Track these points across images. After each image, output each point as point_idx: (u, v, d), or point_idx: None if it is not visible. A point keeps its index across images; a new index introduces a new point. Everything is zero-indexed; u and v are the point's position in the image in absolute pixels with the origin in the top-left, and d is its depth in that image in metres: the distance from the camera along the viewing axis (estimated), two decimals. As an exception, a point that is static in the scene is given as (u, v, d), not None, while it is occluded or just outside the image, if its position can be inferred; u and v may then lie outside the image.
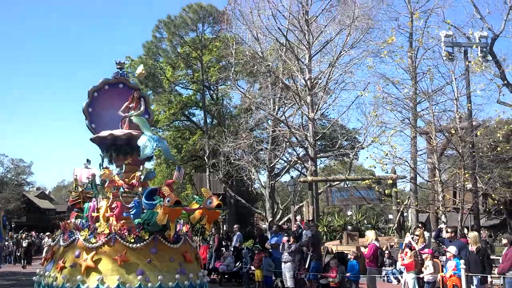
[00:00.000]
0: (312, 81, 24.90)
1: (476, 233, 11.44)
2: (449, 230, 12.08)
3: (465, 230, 15.78)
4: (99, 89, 12.96)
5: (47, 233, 35.47)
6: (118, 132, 12.04)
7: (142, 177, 11.94)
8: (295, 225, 19.67)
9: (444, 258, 11.45)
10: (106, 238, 10.48)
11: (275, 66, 28.42)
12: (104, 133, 11.96)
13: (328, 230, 24.10)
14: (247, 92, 29.60)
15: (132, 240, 10.46)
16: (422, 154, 20.74)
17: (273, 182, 32.16)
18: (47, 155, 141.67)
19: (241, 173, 28.37)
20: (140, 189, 11.88)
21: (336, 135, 27.95)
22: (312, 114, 24.57)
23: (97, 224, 10.76)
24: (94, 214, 11.09)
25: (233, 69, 27.58)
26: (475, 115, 17.78)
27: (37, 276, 11.39)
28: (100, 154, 12.47)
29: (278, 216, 32.47)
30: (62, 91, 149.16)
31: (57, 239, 11.63)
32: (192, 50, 36.00)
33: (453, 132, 16.68)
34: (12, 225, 35.93)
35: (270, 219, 30.05)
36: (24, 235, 26.74)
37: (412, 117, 19.50)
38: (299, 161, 30.08)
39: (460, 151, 16.37)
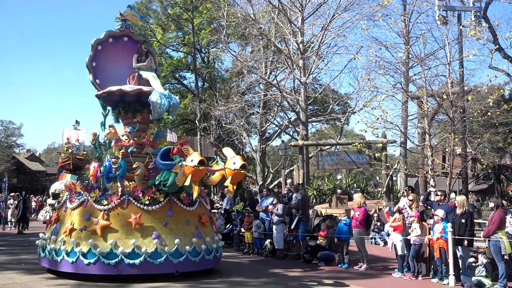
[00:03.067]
0: (305, 44, 24.65)
1: (464, 197, 11.55)
2: (438, 193, 12.19)
3: (453, 194, 15.94)
4: (103, 41, 12.36)
5: (34, 196, 35.33)
6: (127, 87, 11.42)
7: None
8: (285, 189, 19.79)
9: (431, 221, 11.60)
10: (119, 200, 10.12)
11: (267, 28, 28.10)
12: (112, 88, 11.34)
13: (317, 193, 24.27)
14: (238, 55, 29.30)
15: (147, 202, 10.18)
16: (413, 119, 20.84)
17: (264, 146, 32.22)
18: (37, 117, 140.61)
19: (232, 137, 28.37)
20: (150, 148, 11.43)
21: (327, 99, 27.88)
22: (304, 78, 24.42)
23: (108, 185, 10.28)
24: (129, 175, 10.49)
25: (224, 31, 27.21)
26: (467, 80, 17.82)
27: (41, 240, 11.02)
28: (102, 113, 11.85)
29: (269, 180, 32.67)
30: (51, 51, 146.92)
31: (62, 201, 11.20)
32: (183, 12, 35.35)
33: (445, 97, 16.67)
34: (3, 186, 35.71)
35: (260, 183, 30.25)
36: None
37: (404, 81, 19.46)
38: (290, 125, 30.09)
39: (451, 116, 16.39)
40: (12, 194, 27.58)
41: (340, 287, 10.18)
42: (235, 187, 9.96)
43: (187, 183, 9.26)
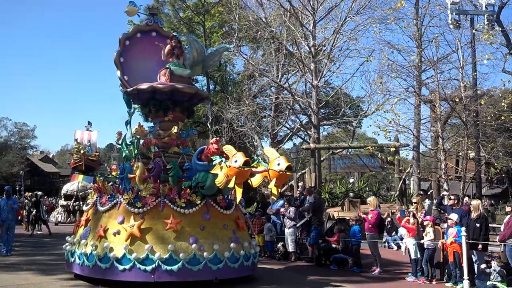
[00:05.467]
0: (316, 47, 24.69)
1: (479, 201, 11.49)
2: (452, 197, 12.15)
3: (466, 199, 15.87)
4: (130, 36, 11.94)
5: (47, 198, 35.45)
6: (159, 84, 10.86)
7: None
8: (297, 192, 19.80)
9: (445, 225, 11.56)
10: (154, 202, 9.55)
11: (279, 32, 28.15)
12: (144, 85, 10.79)
13: (330, 197, 24.27)
14: (250, 59, 29.38)
15: (183, 205, 9.60)
16: (425, 123, 20.76)
17: (275, 149, 32.19)
18: (51, 119, 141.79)
19: (244, 139, 28.41)
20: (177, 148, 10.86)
21: (339, 102, 27.85)
22: (315, 82, 24.43)
23: (141, 187, 9.75)
24: (130, 176, 9.97)
25: (236, 35, 27.31)
26: (480, 84, 17.70)
27: (68, 245, 10.55)
28: (128, 111, 11.16)
29: (280, 183, 32.59)
30: (66, 53, 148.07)
31: (92, 203, 10.63)
32: (194, 15, 35.48)
33: (458, 100, 16.61)
34: (17, 188, 35.93)
35: (271, 186, 30.19)
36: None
37: (417, 85, 19.40)
38: (302, 129, 30.08)
39: (464, 119, 16.33)
40: (26, 194, 27.76)
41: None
42: (279, 190, 9.25)
43: (230, 185, 8.59)
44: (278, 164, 8.63)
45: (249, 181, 9.07)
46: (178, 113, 11.14)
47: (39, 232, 21.75)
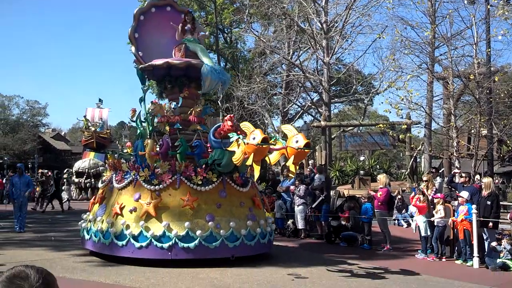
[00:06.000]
0: (328, 24, 24.42)
1: (490, 178, 11.42)
2: (463, 175, 12.09)
3: (477, 176, 15.78)
4: (145, 11, 11.79)
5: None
6: (174, 60, 10.72)
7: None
8: (307, 169, 19.79)
9: (456, 203, 11.53)
10: (170, 180, 9.49)
11: (291, 8, 27.82)
12: (159, 61, 10.64)
13: (340, 174, 24.22)
14: (261, 36, 29.14)
15: (200, 182, 9.54)
16: (438, 100, 20.57)
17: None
18: (62, 97, 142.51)
19: (255, 117, 28.40)
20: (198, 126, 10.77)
21: (351, 80, 27.61)
22: (327, 59, 24.24)
23: (156, 164, 9.68)
24: (141, 153, 9.93)
25: (247, 11, 27.08)
26: (494, 60, 17.45)
27: (84, 222, 10.59)
28: (142, 88, 11.03)
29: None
30: (76, 31, 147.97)
31: (107, 180, 10.64)
32: (206, -9, 35.20)
33: (471, 77, 16.41)
34: (29, 166, 36.28)
35: (282, 163, 30.25)
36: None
37: (430, 61, 19.17)
38: (313, 106, 29.95)
39: (477, 97, 16.14)
40: (40, 171, 28.05)
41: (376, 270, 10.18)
42: (297, 167, 8.98)
43: (248, 162, 8.41)
44: (297, 141, 8.38)
45: (267, 158, 8.88)
46: (193, 90, 10.99)
47: (51, 210, 22.13)
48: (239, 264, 9.36)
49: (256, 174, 8.83)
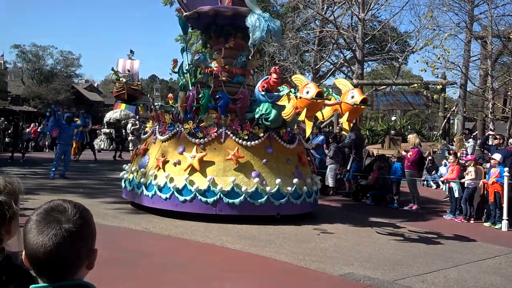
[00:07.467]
0: (365, -22, 23.71)
1: (524, 141, 11.22)
2: (497, 137, 11.87)
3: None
4: None
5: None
6: (222, 7, 10.21)
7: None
8: (337, 128, 19.69)
9: (488, 165, 11.36)
10: (215, 133, 9.20)
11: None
12: (205, 8, 10.09)
13: (370, 134, 24.06)
14: (295, -11, 28.52)
15: (246, 137, 9.24)
16: (475, 60, 20.06)
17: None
18: (96, 48, 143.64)
19: (286, 74, 28.12)
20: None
21: (386, 37, 26.92)
22: (362, 15, 23.66)
23: (201, 117, 9.38)
24: (177, 105, 9.66)
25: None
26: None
27: (126, 173, 10.56)
28: (184, 37, 10.46)
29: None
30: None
31: (150, 132, 10.40)
32: None
33: (511, 38, 15.84)
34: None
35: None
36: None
37: (469, 20, 18.57)
38: (345, 64, 29.49)
39: (516, 57, 15.65)
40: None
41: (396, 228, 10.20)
42: (351, 124, 8.23)
43: (301, 117, 7.95)
44: (352, 97, 7.70)
45: (318, 114, 8.41)
46: (239, 40, 10.45)
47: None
48: (285, 223, 9.04)
49: (308, 130, 8.46)
